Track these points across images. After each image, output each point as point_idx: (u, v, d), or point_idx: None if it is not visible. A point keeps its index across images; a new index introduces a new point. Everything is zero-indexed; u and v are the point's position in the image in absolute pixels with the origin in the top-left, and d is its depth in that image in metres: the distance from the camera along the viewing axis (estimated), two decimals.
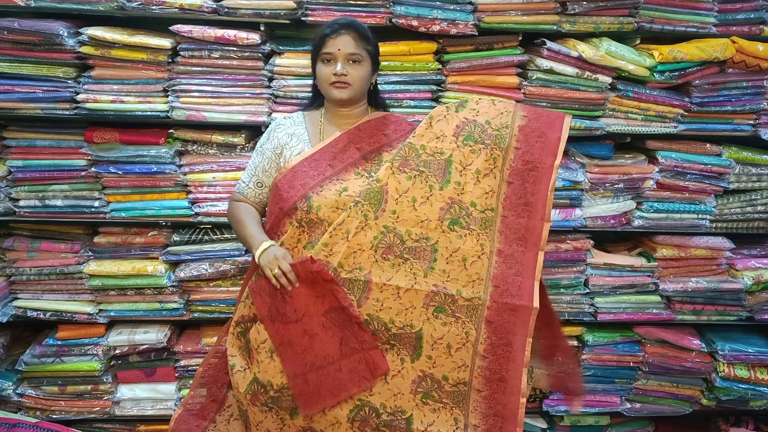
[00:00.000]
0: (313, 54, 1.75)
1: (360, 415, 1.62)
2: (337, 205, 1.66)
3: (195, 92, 2.29)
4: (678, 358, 2.59)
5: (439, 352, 1.63)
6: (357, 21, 1.76)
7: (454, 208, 1.64)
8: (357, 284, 1.62)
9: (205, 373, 1.88)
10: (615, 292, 2.56)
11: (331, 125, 1.81)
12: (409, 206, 1.64)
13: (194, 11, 2.21)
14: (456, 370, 1.63)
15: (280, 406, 1.63)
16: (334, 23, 1.73)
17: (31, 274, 2.42)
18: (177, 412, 1.86)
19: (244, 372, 1.66)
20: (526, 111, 1.72)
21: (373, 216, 1.62)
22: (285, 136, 1.79)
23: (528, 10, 2.26)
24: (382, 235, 1.62)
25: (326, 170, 1.72)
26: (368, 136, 1.79)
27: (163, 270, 2.40)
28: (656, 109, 2.38)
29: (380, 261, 1.62)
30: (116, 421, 2.62)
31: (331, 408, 1.61)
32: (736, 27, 2.34)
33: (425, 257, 1.64)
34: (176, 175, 2.37)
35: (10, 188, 2.36)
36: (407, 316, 1.63)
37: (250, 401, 1.63)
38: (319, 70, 1.74)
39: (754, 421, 2.78)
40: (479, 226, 1.63)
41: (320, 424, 1.63)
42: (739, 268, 2.55)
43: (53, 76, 2.22)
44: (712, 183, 2.47)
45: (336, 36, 1.70)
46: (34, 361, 2.46)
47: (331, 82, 1.72)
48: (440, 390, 1.63)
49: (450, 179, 1.65)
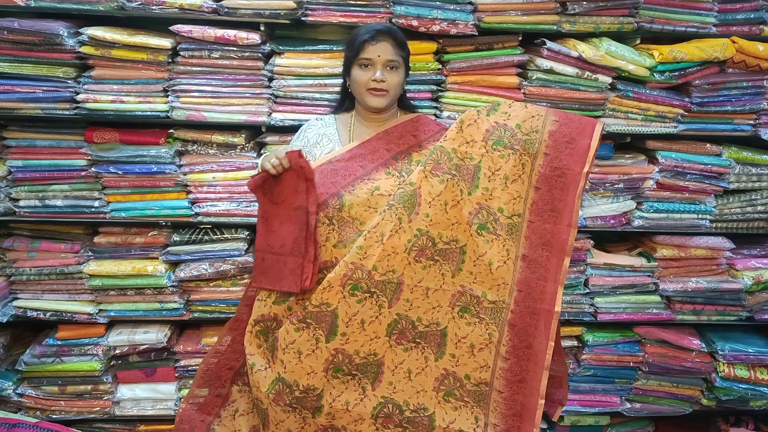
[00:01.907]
0: (349, 58, 1.76)
1: (384, 411, 1.65)
2: (369, 204, 1.68)
3: (195, 92, 2.29)
4: (678, 358, 2.59)
5: (462, 351, 1.66)
6: (394, 28, 1.79)
7: (482, 213, 1.66)
8: (389, 286, 1.64)
9: (206, 373, 1.89)
10: (615, 292, 2.56)
11: (361, 126, 1.84)
12: (441, 209, 1.65)
13: (194, 11, 2.21)
14: (478, 370, 1.66)
15: (304, 406, 1.64)
16: (372, 29, 1.73)
17: (31, 274, 2.42)
18: (181, 407, 1.89)
19: (265, 371, 1.67)
20: (557, 116, 1.70)
21: (407, 219, 1.63)
22: (316, 136, 1.83)
23: (528, 10, 2.26)
24: (415, 238, 1.64)
25: (357, 170, 1.74)
26: (397, 138, 1.81)
27: (163, 270, 2.40)
28: (656, 109, 2.38)
29: (413, 263, 1.65)
30: (116, 421, 2.62)
31: (355, 405, 1.64)
32: (736, 27, 2.34)
33: (454, 259, 1.66)
34: (176, 175, 2.37)
35: (10, 188, 2.36)
36: (434, 315, 1.66)
37: (273, 400, 1.64)
38: (356, 74, 1.75)
39: (754, 421, 2.78)
40: (506, 232, 1.65)
41: (343, 420, 1.65)
42: (739, 268, 2.54)
43: (53, 76, 2.22)
44: (712, 183, 2.47)
45: (375, 42, 1.71)
46: (34, 361, 2.46)
47: (369, 88, 1.73)
48: (462, 389, 1.67)
49: (478, 185, 1.67)
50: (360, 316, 1.62)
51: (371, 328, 1.63)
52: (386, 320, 1.64)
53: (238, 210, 2.40)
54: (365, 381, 1.66)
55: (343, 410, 1.64)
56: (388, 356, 1.65)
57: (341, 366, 1.63)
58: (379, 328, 1.63)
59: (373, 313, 1.63)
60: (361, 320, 1.62)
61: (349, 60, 1.76)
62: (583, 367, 2.61)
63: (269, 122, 2.31)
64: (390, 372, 1.66)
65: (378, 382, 1.66)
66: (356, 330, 1.62)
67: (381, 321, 1.63)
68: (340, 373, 1.64)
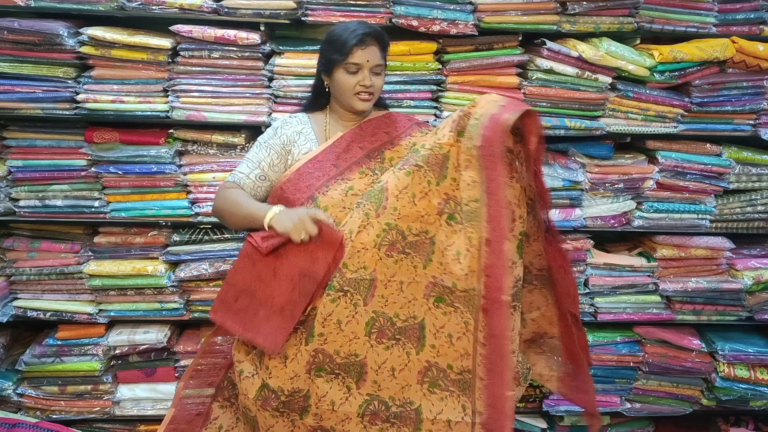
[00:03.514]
0: (336, 59, 1.70)
1: (369, 409, 1.64)
2: (344, 204, 1.67)
3: (195, 92, 2.29)
4: (678, 358, 2.59)
5: (442, 341, 1.63)
6: (380, 31, 1.74)
7: (450, 204, 1.64)
8: (362, 283, 1.61)
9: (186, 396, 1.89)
10: (615, 292, 2.56)
11: (337, 125, 1.82)
12: (409, 202, 1.63)
13: (194, 11, 2.21)
14: (459, 359, 1.63)
15: (291, 409, 1.63)
16: (361, 32, 1.68)
17: (31, 274, 2.43)
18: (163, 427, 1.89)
19: (253, 378, 1.66)
20: (502, 107, 1.62)
21: (375, 214, 1.62)
22: (293, 134, 1.78)
23: (528, 10, 2.26)
24: (384, 233, 1.62)
25: (330, 170, 1.72)
26: (370, 135, 1.80)
27: (163, 270, 2.40)
28: (656, 109, 2.38)
29: (384, 258, 1.62)
30: (116, 421, 2.62)
31: (341, 404, 1.63)
32: (736, 27, 2.34)
33: (424, 250, 1.64)
34: (176, 175, 2.37)
35: (10, 188, 2.36)
36: (411, 309, 1.64)
37: (261, 406, 1.63)
38: (342, 78, 1.72)
39: (754, 421, 2.78)
40: (467, 220, 1.62)
41: (330, 420, 1.64)
42: (739, 268, 2.55)
43: (53, 76, 2.22)
44: (712, 183, 2.47)
45: (365, 47, 1.68)
46: (34, 361, 2.46)
47: (357, 92, 1.72)
48: (446, 379, 1.64)
49: (447, 174, 1.64)
50: (335, 315, 1.60)
51: (349, 329, 1.61)
52: (363, 319, 1.62)
53: None
54: (349, 380, 1.64)
55: (329, 410, 1.63)
56: (370, 357, 1.63)
57: (323, 365, 1.62)
58: (357, 327, 1.61)
59: (348, 312, 1.61)
60: (337, 320, 1.60)
61: (333, 62, 1.72)
62: None
63: (269, 122, 2.31)
64: (374, 372, 1.65)
65: (362, 381, 1.65)
66: (333, 330, 1.60)
67: (358, 320, 1.61)
68: (323, 372, 1.62)
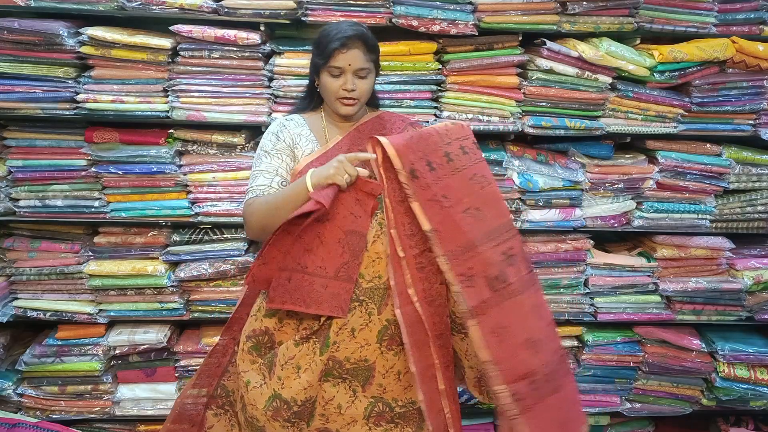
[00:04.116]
0: (319, 63, 1.68)
1: (374, 411, 1.65)
2: None
3: (195, 92, 2.29)
4: (678, 358, 2.59)
5: None
6: (365, 32, 1.68)
7: None
8: (377, 292, 1.63)
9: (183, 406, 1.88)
10: (615, 292, 2.56)
11: (333, 127, 1.80)
12: None
13: (194, 11, 2.21)
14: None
15: (301, 418, 1.63)
16: (342, 35, 1.64)
17: (31, 274, 2.42)
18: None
19: (261, 388, 1.63)
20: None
21: None
22: (294, 136, 1.74)
23: (528, 10, 2.25)
24: None
25: None
26: (367, 137, 1.79)
27: (163, 270, 2.40)
28: (656, 109, 2.38)
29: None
30: (116, 421, 2.62)
31: (347, 408, 1.64)
32: (736, 27, 2.34)
33: None
34: (176, 175, 2.37)
35: (10, 188, 2.36)
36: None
37: (272, 417, 1.61)
38: (326, 81, 1.68)
39: (754, 421, 2.78)
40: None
41: (337, 423, 1.65)
42: (739, 268, 2.55)
43: (53, 76, 2.22)
44: (712, 183, 2.47)
45: (346, 50, 1.63)
46: (34, 361, 2.46)
47: (339, 97, 1.68)
48: None
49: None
50: (350, 325, 1.61)
51: (362, 335, 1.62)
52: (376, 327, 1.63)
53: (239, 210, 2.40)
54: (356, 384, 1.65)
55: (336, 413, 1.64)
56: (379, 362, 1.65)
57: (332, 371, 1.63)
58: (369, 335, 1.63)
59: (363, 321, 1.62)
60: (351, 329, 1.61)
61: (318, 65, 1.69)
62: (583, 367, 2.61)
63: (269, 122, 2.31)
64: (381, 375, 1.66)
65: (369, 385, 1.66)
66: (346, 338, 1.62)
67: (371, 329, 1.63)
68: (331, 377, 1.63)
